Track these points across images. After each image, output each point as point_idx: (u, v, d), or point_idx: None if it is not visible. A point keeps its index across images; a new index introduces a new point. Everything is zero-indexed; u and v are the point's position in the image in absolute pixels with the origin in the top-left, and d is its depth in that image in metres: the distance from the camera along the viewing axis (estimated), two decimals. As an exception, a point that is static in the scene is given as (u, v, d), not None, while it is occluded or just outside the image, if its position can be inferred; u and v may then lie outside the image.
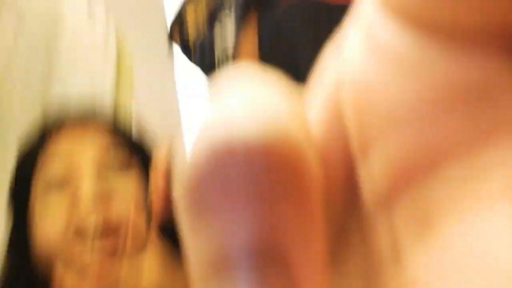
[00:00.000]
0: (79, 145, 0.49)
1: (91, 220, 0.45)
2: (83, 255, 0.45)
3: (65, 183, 0.47)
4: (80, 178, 0.47)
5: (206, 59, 0.79)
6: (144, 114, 0.81)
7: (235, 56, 0.73)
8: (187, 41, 0.82)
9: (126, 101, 0.83)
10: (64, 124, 0.51)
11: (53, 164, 0.48)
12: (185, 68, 1.06)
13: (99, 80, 0.82)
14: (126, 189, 0.49)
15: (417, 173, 0.07)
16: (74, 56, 0.82)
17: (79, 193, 0.46)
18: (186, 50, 0.84)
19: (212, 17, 0.78)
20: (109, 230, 0.45)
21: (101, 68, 0.82)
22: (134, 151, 0.52)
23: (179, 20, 0.82)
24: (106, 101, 0.79)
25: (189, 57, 0.85)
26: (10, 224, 0.52)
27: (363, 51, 0.07)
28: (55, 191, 0.48)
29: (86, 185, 0.46)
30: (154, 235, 0.46)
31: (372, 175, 0.07)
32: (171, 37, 0.85)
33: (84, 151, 0.48)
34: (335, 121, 0.08)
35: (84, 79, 0.82)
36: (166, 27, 0.91)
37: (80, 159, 0.48)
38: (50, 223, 0.47)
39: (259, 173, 0.06)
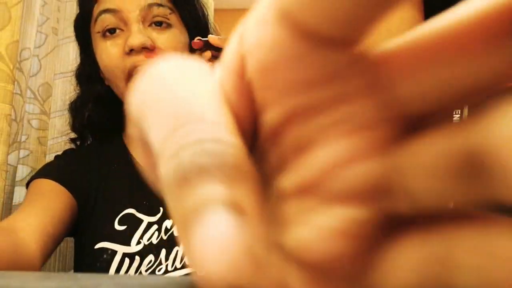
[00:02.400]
0: (128, 4, 0.60)
1: (139, 54, 0.59)
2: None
3: (117, 32, 0.61)
4: (129, 29, 0.60)
5: None
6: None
7: None
8: None
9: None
10: None
11: (106, 17, 0.61)
12: None
13: None
14: (166, 42, 0.61)
15: (299, 118, 0.10)
16: None
17: (130, 40, 0.59)
18: None
19: None
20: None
21: None
22: (175, 10, 0.63)
23: None
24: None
25: None
26: (79, 61, 0.73)
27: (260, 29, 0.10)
28: (109, 38, 0.62)
29: (134, 34, 0.59)
30: None
31: (268, 120, 0.11)
32: None
33: (131, 7, 0.60)
34: (240, 81, 0.11)
35: None
36: None
37: (128, 14, 0.60)
38: (109, 56, 0.62)
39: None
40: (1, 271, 0.24)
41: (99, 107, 0.67)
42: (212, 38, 0.60)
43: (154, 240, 0.62)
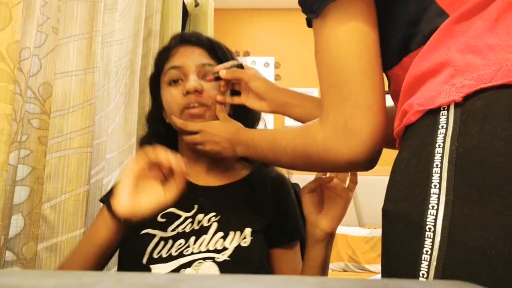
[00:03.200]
0: (188, 61, 0.86)
1: (192, 95, 0.83)
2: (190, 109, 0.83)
3: (179, 82, 0.86)
4: (187, 79, 0.85)
5: None
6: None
7: None
8: None
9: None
10: (181, 45, 0.90)
11: (173, 71, 0.86)
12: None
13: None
14: (212, 90, 0.85)
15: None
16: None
17: (187, 85, 0.83)
18: None
19: None
20: (201, 103, 0.83)
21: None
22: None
23: None
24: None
25: None
26: (150, 105, 0.97)
27: None
28: (173, 85, 0.86)
29: (190, 81, 0.83)
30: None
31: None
32: None
33: (190, 65, 0.86)
34: None
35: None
36: None
37: (188, 69, 0.85)
38: (172, 97, 0.85)
39: None
40: (1, 269, 0.24)
41: (160, 141, 0.86)
42: (222, 74, 0.83)
43: (187, 230, 0.80)
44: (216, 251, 0.76)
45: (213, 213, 0.81)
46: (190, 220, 0.80)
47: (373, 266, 2.92)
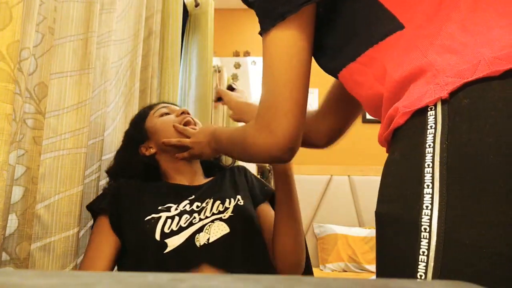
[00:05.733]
0: (171, 106, 1.14)
1: (184, 114, 1.08)
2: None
3: (169, 114, 1.11)
4: (176, 110, 1.11)
5: None
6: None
7: None
8: None
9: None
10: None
11: (163, 109, 1.10)
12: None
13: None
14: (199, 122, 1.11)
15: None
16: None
17: (179, 109, 1.11)
18: None
19: None
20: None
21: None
22: None
23: None
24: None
25: None
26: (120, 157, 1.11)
27: None
28: (165, 116, 1.09)
29: (179, 110, 1.10)
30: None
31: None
32: None
33: (174, 107, 1.14)
34: None
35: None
36: None
37: (174, 108, 1.13)
38: (169, 120, 1.08)
39: None
40: (1, 268, 0.24)
41: (138, 172, 1.09)
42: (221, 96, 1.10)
43: (188, 208, 0.94)
44: (220, 212, 0.93)
45: (208, 199, 0.97)
46: (187, 202, 0.96)
47: (373, 266, 2.91)
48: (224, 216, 0.91)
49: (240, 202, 0.97)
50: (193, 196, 0.98)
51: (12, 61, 0.75)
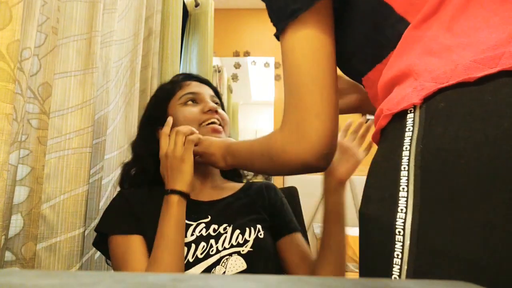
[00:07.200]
0: (203, 90, 1.02)
1: (212, 113, 0.98)
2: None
3: (197, 102, 1.00)
4: (205, 102, 0.99)
5: None
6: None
7: None
8: None
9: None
10: (191, 80, 1.05)
11: (190, 95, 0.99)
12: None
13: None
14: (224, 115, 1.02)
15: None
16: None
17: (208, 105, 0.97)
18: None
19: None
20: (220, 122, 0.98)
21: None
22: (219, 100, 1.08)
23: None
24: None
25: None
26: (139, 143, 1.01)
27: None
28: (190, 105, 0.98)
29: (210, 103, 0.98)
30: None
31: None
32: None
33: (205, 93, 1.01)
34: None
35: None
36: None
37: (204, 95, 1.01)
38: (191, 113, 0.97)
39: None
40: (1, 269, 0.24)
41: (146, 176, 0.97)
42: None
43: (204, 233, 0.87)
44: (239, 244, 0.86)
45: (225, 224, 0.89)
46: (203, 225, 0.88)
47: (373, 266, 2.92)
48: (242, 250, 0.86)
49: (261, 235, 0.89)
50: (209, 218, 0.90)
51: (12, 60, 0.75)
